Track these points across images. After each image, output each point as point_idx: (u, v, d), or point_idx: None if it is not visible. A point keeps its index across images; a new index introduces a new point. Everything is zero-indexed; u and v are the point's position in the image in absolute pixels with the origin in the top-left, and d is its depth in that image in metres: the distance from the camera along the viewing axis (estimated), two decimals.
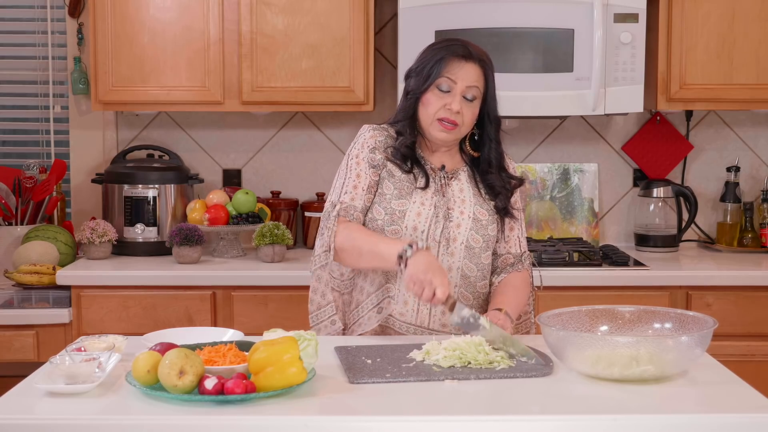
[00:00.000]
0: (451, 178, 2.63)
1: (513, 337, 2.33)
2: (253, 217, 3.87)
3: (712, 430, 1.91)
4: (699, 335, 2.10)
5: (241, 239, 3.98)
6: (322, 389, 2.06)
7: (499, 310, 2.47)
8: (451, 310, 2.35)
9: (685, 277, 3.63)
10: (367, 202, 2.58)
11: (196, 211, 3.84)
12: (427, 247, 2.43)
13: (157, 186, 3.91)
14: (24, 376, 2.17)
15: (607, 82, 3.71)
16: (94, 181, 4.00)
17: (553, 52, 3.70)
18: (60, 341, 3.50)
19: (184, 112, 4.14)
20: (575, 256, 3.79)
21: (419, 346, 2.31)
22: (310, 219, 4.05)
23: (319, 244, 2.58)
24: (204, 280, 3.60)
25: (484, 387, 2.10)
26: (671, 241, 4.06)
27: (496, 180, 2.63)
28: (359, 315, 2.60)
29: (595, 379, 2.11)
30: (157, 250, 3.90)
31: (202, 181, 4.08)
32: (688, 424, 1.91)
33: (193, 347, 2.14)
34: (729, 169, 4.11)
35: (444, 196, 2.60)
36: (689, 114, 4.16)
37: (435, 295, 2.31)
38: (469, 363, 2.21)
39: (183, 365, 1.95)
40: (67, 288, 3.61)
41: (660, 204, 4.09)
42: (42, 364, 2.24)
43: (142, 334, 2.43)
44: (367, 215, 2.59)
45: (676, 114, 4.17)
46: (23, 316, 3.54)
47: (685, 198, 4.07)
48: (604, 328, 2.30)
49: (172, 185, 3.94)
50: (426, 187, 2.59)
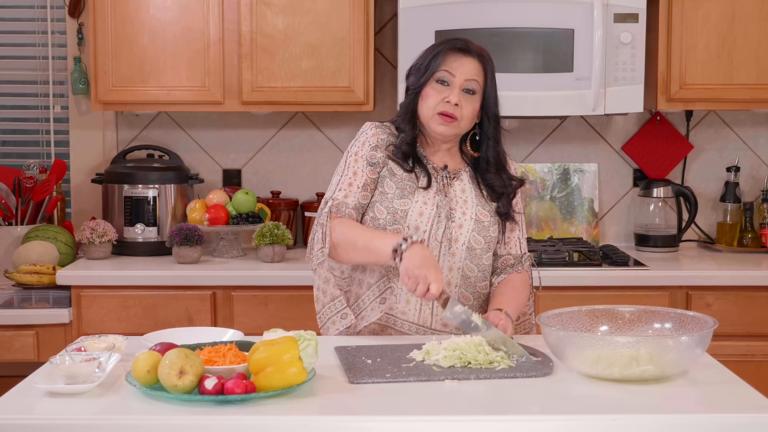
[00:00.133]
0: (453, 178, 2.63)
1: (506, 336, 2.33)
2: (253, 217, 3.87)
3: (712, 430, 1.91)
4: (699, 335, 2.10)
5: (241, 239, 3.98)
6: (322, 389, 2.06)
7: (500, 310, 2.47)
8: (444, 305, 2.36)
9: (685, 277, 3.63)
10: (361, 200, 2.58)
11: (196, 211, 3.84)
12: (421, 241, 2.42)
13: (157, 186, 3.91)
14: (24, 376, 2.17)
15: (607, 82, 3.70)
16: (94, 181, 4.00)
17: (553, 52, 3.69)
18: (60, 341, 3.50)
19: (184, 112, 4.14)
20: (575, 256, 3.79)
21: (419, 346, 2.31)
22: (310, 219, 4.05)
23: (314, 241, 2.58)
24: (204, 280, 3.60)
25: (484, 387, 2.10)
26: (671, 241, 4.06)
27: (495, 180, 2.62)
28: (361, 308, 2.59)
29: (595, 379, 2.11)
30: (157, 250, 3.90)
31: (202, 181, 4.08)
32: (688, 424, 1.91)
33: (193, 347, 2.14)
34: (729, 169, 4.11)
35: (446, 196, 2.59)
36: (689, 114, 4.16)
37: (429, 290, 2.32)
38: (469, 363, 2.21)
39: (183, 365, 1.95)
40: (67, 288, 3.61)
41: (660, 204, 4.09)
42: (42, 364, 2.24)
43: (142, 334, 2.43)
44: (368, 214, 2.59)
45: (676, 114, 4.17)
46: (23, 316, 3.54)
47: (685, 198, 4.07)
48: (604, 328, 2.30)
49: (172, 185, 3.94)
50: (428, 186, 2.58)
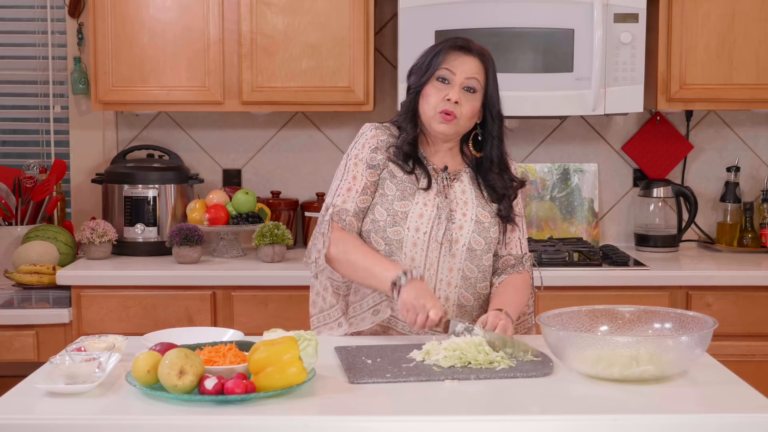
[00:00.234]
0: (454, 179, 2.62)
1: (510, 338, 2.33)
2: (253, 217, 3.87)
3: (712, 430, 1.91)
4: (699, 335, 2.10)
5: (241, 239, 3.98)
6: (322, 389, 2.06)
7: (500, 310, 2.47)
8: (445, 331, 2.38)
9: (685, 277, 3.63)
10: (361, 204, 2.57)
11: (196, 211, 3.84)
12: (421, 277, 2.43)
13: (157, 186, 3.91)
14: (24, 376, 2.17)
15: (607, 82, 3.70)
16: (94, 181, 4.00)
17: (553, 52, 3.69)
18: (60, 341, 3.50)
19: (184, 112, 4.14)
20: (575, 256, 3.79)
21: (419, 346, 2.31)
22: (310, 219, 4.05)
23: (314, 249, 2.58)
24: (204, 280, 3.60)
25: (484, 387, 2.11)
26: (671, 241, 4.06)
27: (497, 181, 2.62)
28: (355, 315, 2.60)
29: (595, 379, 2.11)
30: (157, 250, 3.90)
31: (202, 181, 4.08)
32: (688, 424, 1.91)
33: (193, 347, 2.14)
34: (729, 169, 4.11)
35: (446, 197, 2.59)
36: (689, 114, 4.16)
37: (429, 317, 2.34)
38: (469, 363, 2.21)
39: (183, 365, 1.95)
40: (67, 288, 3.60)
41: (660, 204, 4.09)
42: (42, 364, 2.23)
43: (142, 334, 2.43)
44: (368, 216, 2.58)
45: (676, 114, 4.17)
46: (23, 316, 3.54)
47: (685, 198, 4.07)
48: (604, 328, 2.30)
49: (172, 185, 3.94)
50: (428, 188, 2.58)
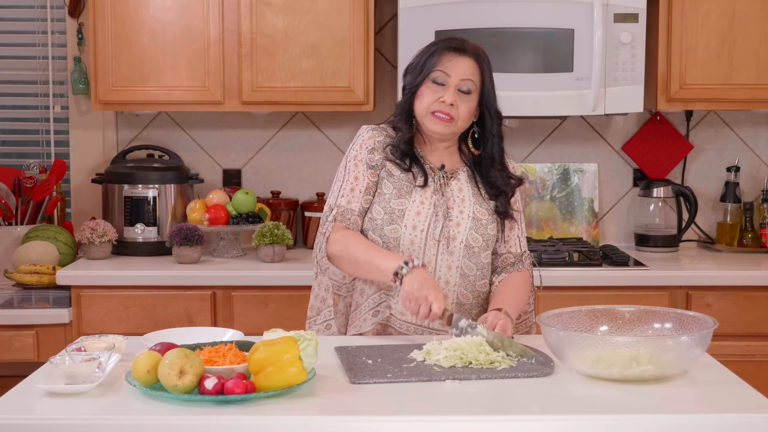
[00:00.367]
0: (451, 177, 2.62)
1: (512, 340, 2.33)
2: (253, 217, 3.87)
3: (712, 430, 1.91)
4: (699, 335, 2.10)
5: (241, 239, 3.98)
6: (322, 389, 2.06)
7: (499, 309, 2.47)
8: (448, 323, 2.37)
9: (685, 277, 3.63)
10: (365, 204, 2.58)
11: (196, 211, 3.84)
12: (423, 265, 2.42)
13: (157, 186, 3.91)
14: (24, 376, 2.17)
15: (607, 82, 3.70)
16: (94, 181, 4.00)
17: (553, 52, 3.69)
18: (60, 341, 3.50)
19: (184, 112, 4.14)
20: (575, 256, 3.79)
21: (420, 346, 2.31)
22: (310, 219, 4.05)
23: (316, 249, 2.58)
24: (204, 280, 3.60)
25: (485, 387, 2.11)
26: (671, 241, 4.06)
27: (498, 177, 2.62)
28: (357, 317, 2.60)
29: (595, 379, 2.11)
30: (157, 250, 3.90)
31: (202, 181, 4.08)
32: (688, 424, 1.91)
33: (193, 347, 2.14)
34: (729, 169, 4.11)
35: (443, 195, 2.59)
36: (689, 114, 4.16)
37: (431, 310, 2.33)
38: (470, 363, 2.21)
39: (183, 365, 1.95)
40: (67, 288, 3.60)
41: (660, 204, 4.09)
42: (42, 364, 2.23)
43: (142, 334, 2.43)
44: (366, 215, 2.59)
45: (676, 114, 4.17)
46: (23, 316, 3.54)
47: (685, 198, 4.07)
48: (604, 328, 2.30)
49: (172, 185, 3.93)
50: (425, 185, 2.58)
